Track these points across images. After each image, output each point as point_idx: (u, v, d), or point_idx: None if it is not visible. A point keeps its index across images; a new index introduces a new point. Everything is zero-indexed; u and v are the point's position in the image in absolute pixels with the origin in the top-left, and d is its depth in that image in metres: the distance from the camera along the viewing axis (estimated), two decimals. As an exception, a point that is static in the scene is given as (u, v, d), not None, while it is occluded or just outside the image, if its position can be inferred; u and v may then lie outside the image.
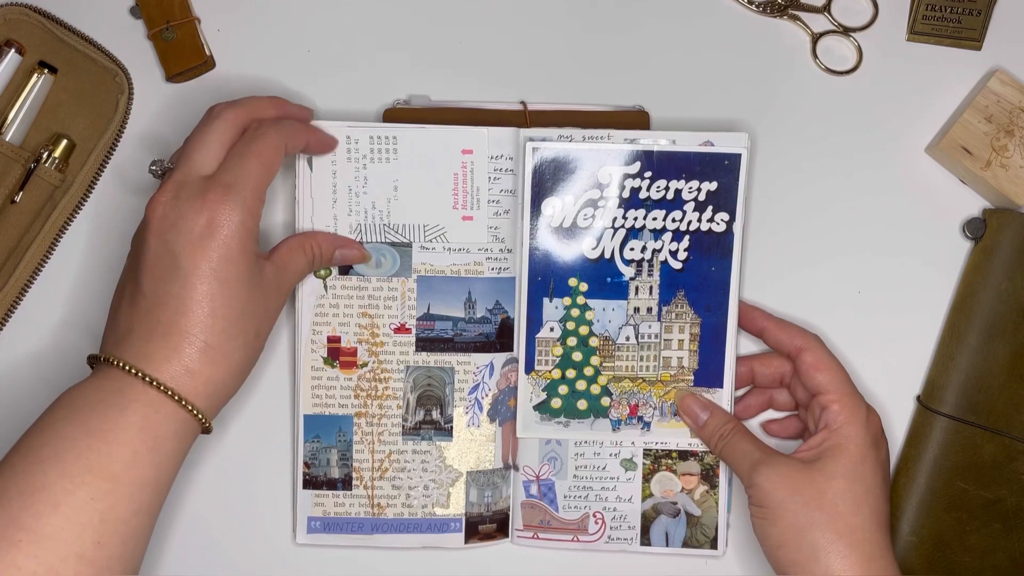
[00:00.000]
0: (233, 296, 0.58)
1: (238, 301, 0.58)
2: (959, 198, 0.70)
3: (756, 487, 0.61)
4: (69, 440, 0.54)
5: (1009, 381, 0.66)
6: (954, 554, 0.66)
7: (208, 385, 0.57)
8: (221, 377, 0.58)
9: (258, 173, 0.59)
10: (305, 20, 0.71)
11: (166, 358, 0.56)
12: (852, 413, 0.62)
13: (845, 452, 0.61)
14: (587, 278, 0.67)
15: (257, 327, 0.60)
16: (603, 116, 0.69)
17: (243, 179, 0.59)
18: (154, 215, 0.58)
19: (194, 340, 0.57)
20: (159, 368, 0.56)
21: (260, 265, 0.60)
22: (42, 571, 0.51)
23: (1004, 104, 0.68)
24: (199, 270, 0.57)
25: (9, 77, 0.67)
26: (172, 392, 0.56)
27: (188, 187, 0.58)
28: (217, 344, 0.57)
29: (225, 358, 0.58)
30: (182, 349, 0.57)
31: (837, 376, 0.63)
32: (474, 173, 0.67)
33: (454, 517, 0.68)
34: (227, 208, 0.58)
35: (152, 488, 0.56)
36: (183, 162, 0.60)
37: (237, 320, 0.58)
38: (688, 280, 0.67)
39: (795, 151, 0.70)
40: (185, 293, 0.57)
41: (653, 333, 0.67)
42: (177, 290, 0.57)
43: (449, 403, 0.68)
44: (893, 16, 0.71)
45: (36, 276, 0.68)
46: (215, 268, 0.57)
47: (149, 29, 0.69)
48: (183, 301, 0.57)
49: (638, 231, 0.67)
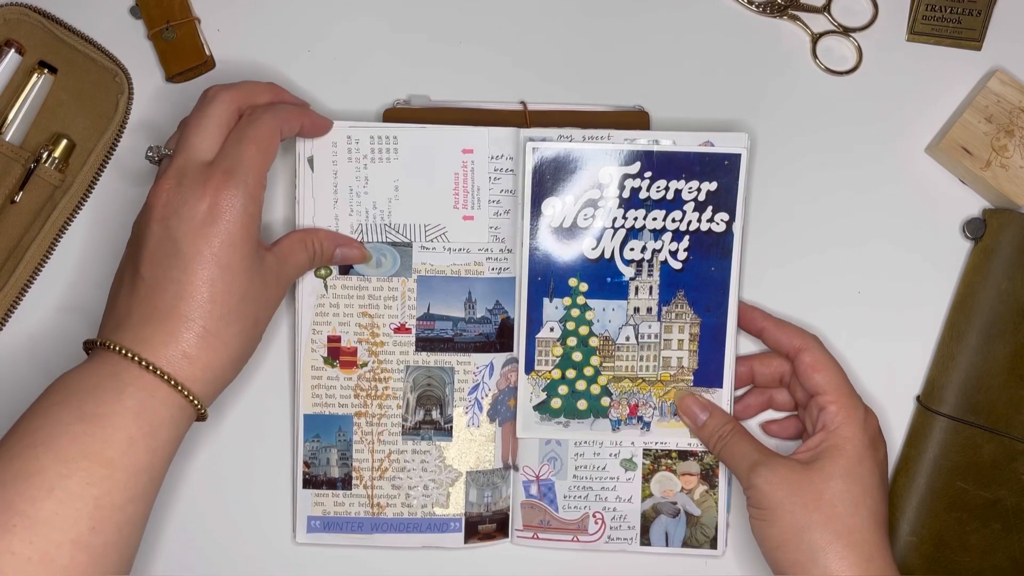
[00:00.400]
0: (233, 282, 0.58)
1: (238, 287, 0.58)
2: (959, 198, 0.70)
3: (754, 488, 0.61)
4: (64, 424, 0.54)
5: (1009, 381, 0.66)
6: (954, 554, 0.66)
7: (205, 371, 0.57)
8: (219, 363, 0.58)
9: (257, 159, 0.60)
10: (305, 20, 0.71)
11: (163, 343, 0.56)
12: (849, 414, 0.62)
13: (843, 453, 0.61)
14: (587, 278, 0.67)
15: (256, 315, 0.60)
16: (603, 116, 0.69)
17: (243, 165, 0.59)
18: (157, 201, 0.58)
19: (192, 325, 0.57)
20: (156, 352, 0.56)
21: (261, 254, 0.60)
22: (37, 557, 0.51)
23: (1004, 104, 0.68)
24: (200, 255, 0.57)
25: (9, 77, 0.67)
26: (168, 377, 0.56)
27: (190, 173, 0.58)
28: (215, 330, 0.57)
29: (224, 344, 0.58)
30: (180, 334, 0.56)
31: (835, 377, 0.63)
32: (474, 173, 0.67)
33: (454, 517, 0.68)
34: (229, 194, 0.58)
35: (147, 475, 0.55)
36: (182, 148, 0.60)
37: (237, 306, 0.58)
38: (688, 280, 0.67)
39: (795, 151, 0.70)
40: (185, 278, 0.57)
41: (653, 333, 0.67)
42: (177, 275, 0.57)
43: (449, 403, 0.68)
44: (893, 16, 0.71)
45: (36, 276, 0.68)
46: (216, 253, 0.57)
47: (149, 29, 0.69)
48: (183, 286, 0.57)
49: (638, 231, 0.67)
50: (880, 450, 0.63)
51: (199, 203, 0.58)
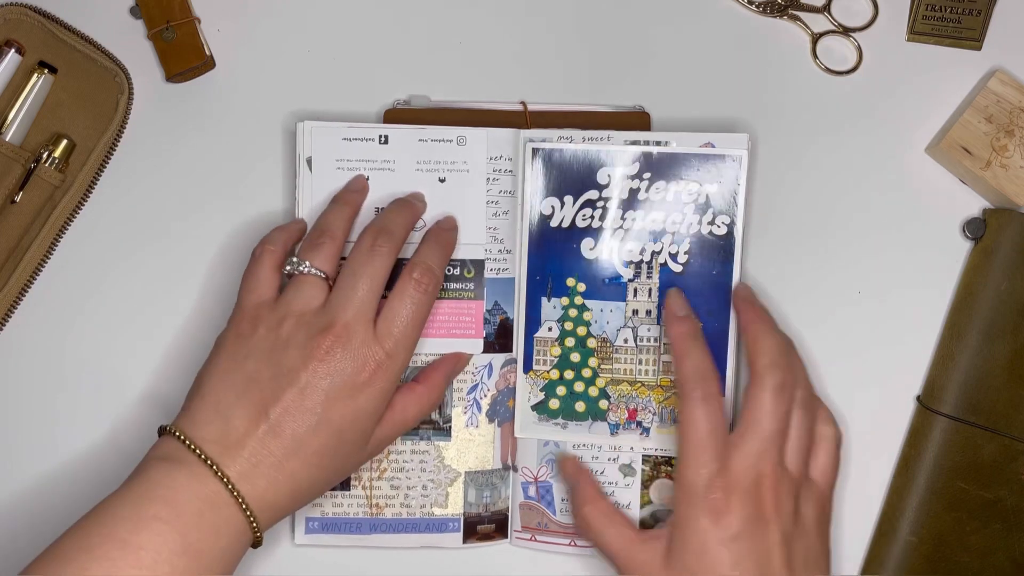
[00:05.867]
0: (339, 450, 0.59)
1: (341, 455, 0.59)
2: (959, 198, 0.70)
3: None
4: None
5: (1009, 381, 0.66)
6: (954, 554, 0.66)
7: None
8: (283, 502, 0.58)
9: (414, 345, 0.61)
10: (305, 20, 0.71)
11: (262, 488, 0.57)
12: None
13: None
14: (585, 278, 0.67)
15: (339, 475, 0.61)
16: (603, 117, 0.69)
17: (406, 350, 0.60)
18: (318, 351, 0.58)
19: (289, 479, 0.57)
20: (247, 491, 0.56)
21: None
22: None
23: (1004, 104, 0.68)
24: (331, 423, 0.58)
25: (9, 77, 0.68)
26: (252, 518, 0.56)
27: (357, 339, 0.59)
28: (296, 474, 0.58)
29: (293, 485, 0.58)
30: (277, 481, 0.57)
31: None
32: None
33: (452, 517, 0.68)
34: (383, 377, 0.59)
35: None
36: (352, 300, 0.59)
37: (328, 466, 0.59)
38: (689, 284, 0.66)
39: (795, 151, 0.70)
40: (308, 438, 0.57)
41: (652, 337, 0.67)
42: (303, 434, 0.57)
43: (448, 403, 0.67)
44: (893, 16, 0.71)
45: (36, 276, 0.68)
46: (345, 428, 0.58)
47: (149, 29, 0.69)
48: (302, 443, 0.57)
49: (637, 233, 0.66)
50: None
51: (357, 376, 0.58)
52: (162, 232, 0.69)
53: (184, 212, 0.70)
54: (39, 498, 0.68)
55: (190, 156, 0.70)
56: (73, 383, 0.69)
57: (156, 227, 0.70)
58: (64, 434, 0.68)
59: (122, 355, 0.69)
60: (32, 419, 0.68)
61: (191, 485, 0.55)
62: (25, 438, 0.68)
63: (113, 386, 0.68)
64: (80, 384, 0.69)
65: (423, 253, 0.63)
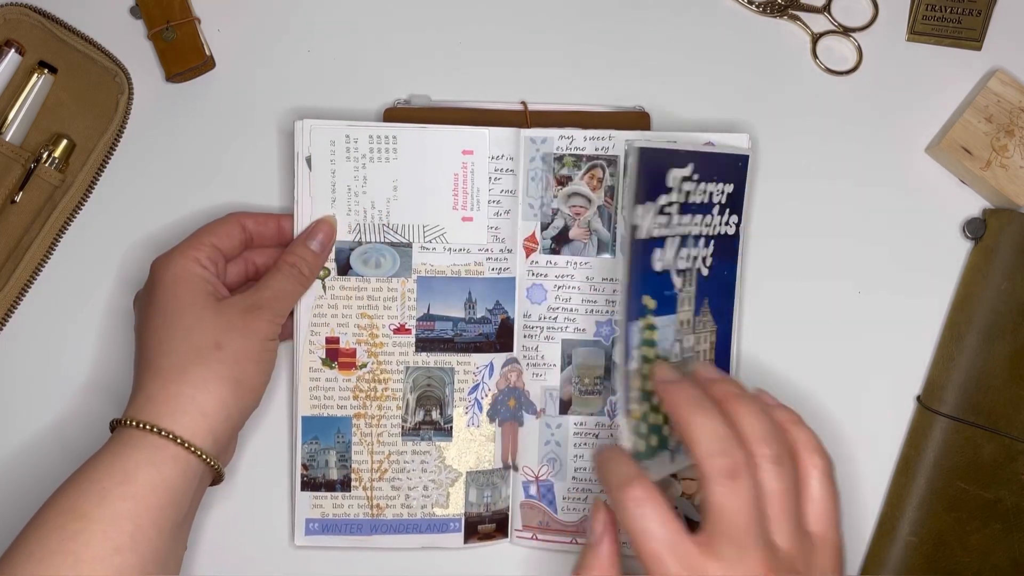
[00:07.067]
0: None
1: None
2: (959, 198, 0.70)
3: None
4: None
5: (1009, 381, 0.66)
6: (954, 554, 0.66)
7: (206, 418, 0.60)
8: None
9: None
10: (305, 20, 0.71)
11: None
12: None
13: None
14: (654, 294, 0.58)
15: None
16: (603, 116, 0.69)
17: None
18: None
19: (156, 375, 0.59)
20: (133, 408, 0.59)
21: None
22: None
23: (1004, 104, 0.68)
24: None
25: (9, 77, 0.68)
26: (134, 422, 0.58)
27: None
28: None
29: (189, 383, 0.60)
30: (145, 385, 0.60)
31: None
32: (474, 174, 0.67)
33: (453, 517, 0.68)
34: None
35: (132, 523, 0.55)
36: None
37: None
38: (711, 287, 0.63)
39: (795, 151, 0.70)
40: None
41: (689, 346, 0.62)
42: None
43: (449, 403, 0.67)
44: (893, 16, 0.71)
45: (36, 276, 0.68)
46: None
47: (149, 29, 0.69)
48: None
49: (685, 238, 0.60)
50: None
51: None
52: (162, 231, 0.69)
53: (184, 211, 0.70)
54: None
55: (190, 156, 0.70)
56: (73, 383, 0.68)
57: (156, 227, 0.70)
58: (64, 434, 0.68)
59: (122, 354, 0.69)
60: (31, 419, 0.68)
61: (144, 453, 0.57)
62: (25, 438, 0.68)
63: (114, 386, 0.68)
64: (80, 384, 0.68)
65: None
